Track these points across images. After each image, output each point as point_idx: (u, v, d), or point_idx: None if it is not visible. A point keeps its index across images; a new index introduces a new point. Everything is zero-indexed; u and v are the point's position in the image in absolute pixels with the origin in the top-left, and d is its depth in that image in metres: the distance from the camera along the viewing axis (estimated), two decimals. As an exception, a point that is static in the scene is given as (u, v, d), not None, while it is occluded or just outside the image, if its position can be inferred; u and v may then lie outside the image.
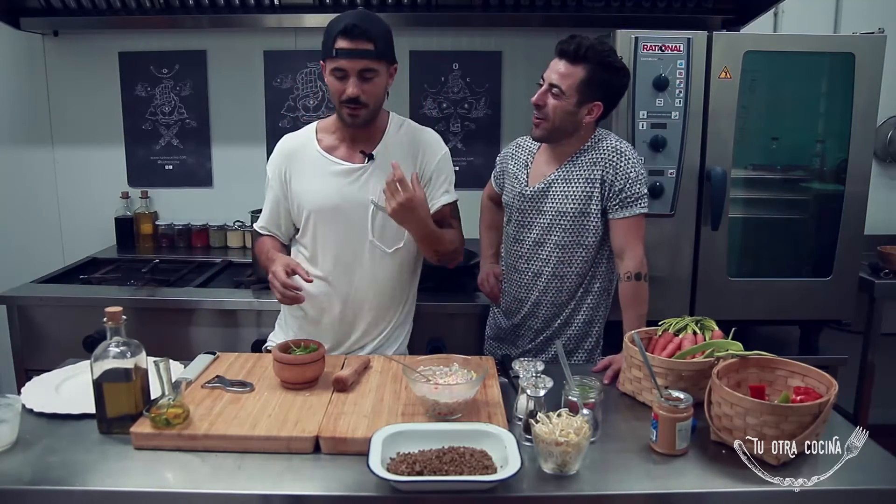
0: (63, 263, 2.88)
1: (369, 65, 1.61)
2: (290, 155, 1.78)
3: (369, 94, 1.64)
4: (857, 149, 2.31)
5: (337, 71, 1.62)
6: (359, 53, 1.59)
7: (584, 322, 1.90)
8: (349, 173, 1.73)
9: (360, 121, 1.67)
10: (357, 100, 1.63)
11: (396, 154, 1.73)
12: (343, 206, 1.73)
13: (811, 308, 2.42)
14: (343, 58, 1.60)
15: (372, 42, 1.59)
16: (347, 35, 1.58)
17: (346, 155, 1.75)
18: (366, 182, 1.73)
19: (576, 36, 1.72)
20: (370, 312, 1.81)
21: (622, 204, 1.76)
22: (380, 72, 1.63)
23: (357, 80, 1.61)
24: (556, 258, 1.84)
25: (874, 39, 2.26)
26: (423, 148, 1.79)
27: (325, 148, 1.76)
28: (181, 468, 1.24)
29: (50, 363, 1.70)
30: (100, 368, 1.31)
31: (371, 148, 1.74)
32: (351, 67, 1.60)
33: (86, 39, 3.00)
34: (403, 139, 1.78)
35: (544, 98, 1.74)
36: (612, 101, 1.77)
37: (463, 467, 1.16)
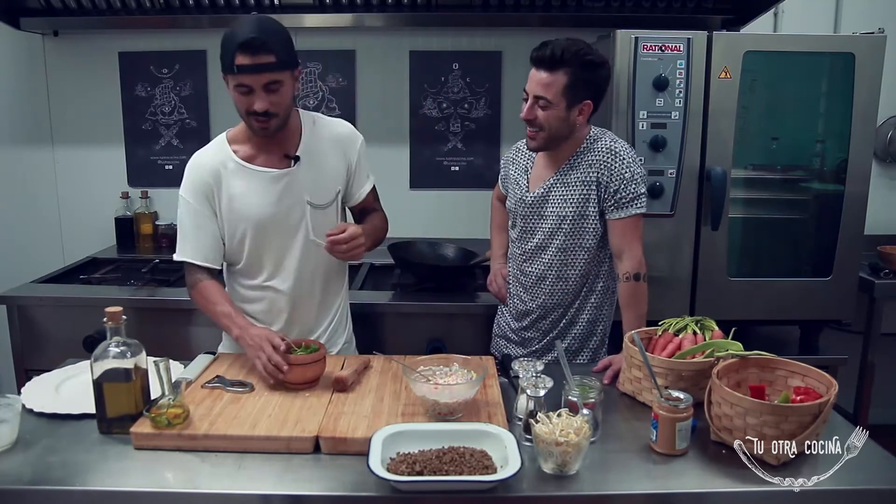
0: (63, 263, 2.88)
1: (273, 77, 1.55)
2: (211, 171, 1.68)
3: (277, 105, 1.58)
4: (857, 149, 2.31)
5: (240, 87, 1.57)
6: (260, 68, 1.53)
7: (589, 321, 1.90)
8: (278, 179, 1.69)
9: (271, 131, 1.63)
10: (266, 112, 1.58)
11: (319, 150, 1.73)
12: (279, 213, 1.69)
13: (811, 308, 2.42)
14: (245, 73, 1.53)
15: (272, 53, 1.53)
16: (246, 50, 1.51)
17: (267, 161, 1.69)
18: (297, 184, 1.70)
19: (547, 42, 1.69)
20: (317, 307, 1.81)
21: (618, 205, 1.76)
22: (284, 81, 1.58)
23: (263, 94, 1.55)
24: (558, 261, 1.84)
25: (874, 39, 2.26)
26: (344, 141, 1.78)
27: (244, 158, 1.69)
28: (181, 468, 1.24)
29: (50, 363, 1.70)
30: (100, 368, 1.31)
31: (292, 150, 1.70)
32: (254, 82, 1.54)
33: (86, 39, 3.00)
34: (321, 135, 1.75)
35: (533, 112, 1.73)
36: (598, 95, 1.76)
37: (463, 467, 1.16)
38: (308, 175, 1.71)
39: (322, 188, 1.73)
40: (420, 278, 2.54)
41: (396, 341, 2.33)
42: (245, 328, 1.59)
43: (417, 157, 3.09)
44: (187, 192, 1.69)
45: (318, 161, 1.73)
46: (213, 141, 1.75)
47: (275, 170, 1.69)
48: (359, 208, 1.87)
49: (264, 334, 1.54)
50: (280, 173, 1.69)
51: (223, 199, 1.69)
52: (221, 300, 1.67)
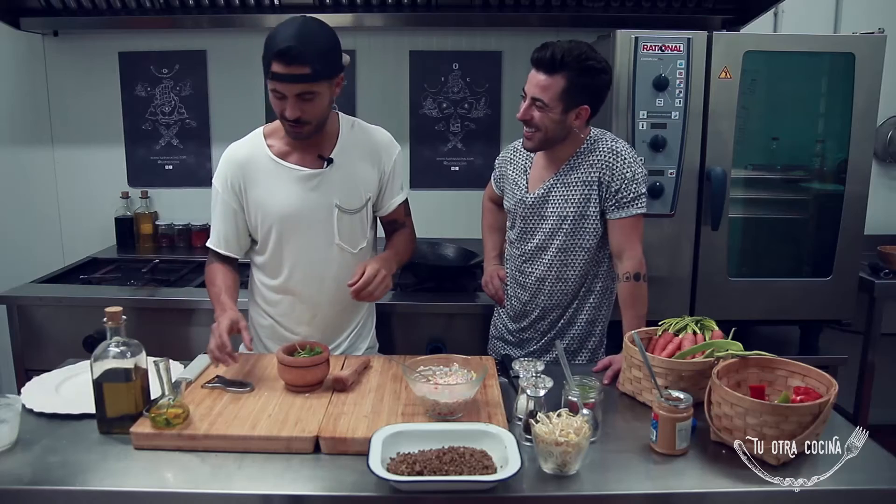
0: (63, 263, 2.88)
1: (306, 88, 1.53)
2: (242, 165, 1.70)
3: (310, 114, 1.58)
4: (857, 149, 2.31)
5: (275, 92, 1.56)
6: (293, 78, 1.51)
7: (587, 322, 1.90)
8: (309, 178, 1.69)
9: (304, 136, 1.63)
10: (298, 120, 1.58)
11: (354, 155, 1.72)
12: (306, 213, 1.69)
13: (811, 308, 2.42)
14: (278, 81, 1.53)
15: (308, 65, 1.50)
16: (282, 59, 1.49)
17: (300, 160, 1.69)
18: (327, 186, 1.70)
19: (549, 44, 1.69)
20: (341, 314, 1.80)
21: (619, 204, 1.76)
22: (320, 92, 1.56)
23: (296, 102, 1.55)
24: (558, 261, 1.84)
25: (874, 39, 2.26)
26: (380, 149, 1.77)
27: (278, 154, 1.70)
28: (181, 468, 1.24)
29: (50, 363, 1.70)
30: (100, 368, 1.31)
31: (326, 151, 1.70)
32: (287, 91, 1.53)
33: (86, 39, 3.00)
34: (358, 140, 1.75)
35: (530, 113, 1.73)
36: (597, 101, 1.75)
37: (463, 467, 1.16)
38: (339, 178, 1.70)
39: (352, 193, 1.73)
40: (420, 278, 2.54)
41: (396, 341, 2.33)
42: (223, 309, 1.60)
43: (417, 157, 3.09)
44: (218, 182, 1.73)
45: (352, 165, 1.72)
46: (250, 134, 1.77)
47: (307, 169, 1.69)
48: (388, 220, 1.86)
49: (223, 322, 1.54)
50: (311, 173, 1.69)
51: (251, 192, 1.71)
52: (219, 282, 1.69)
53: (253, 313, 1.86)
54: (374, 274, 1.60)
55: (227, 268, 1.75)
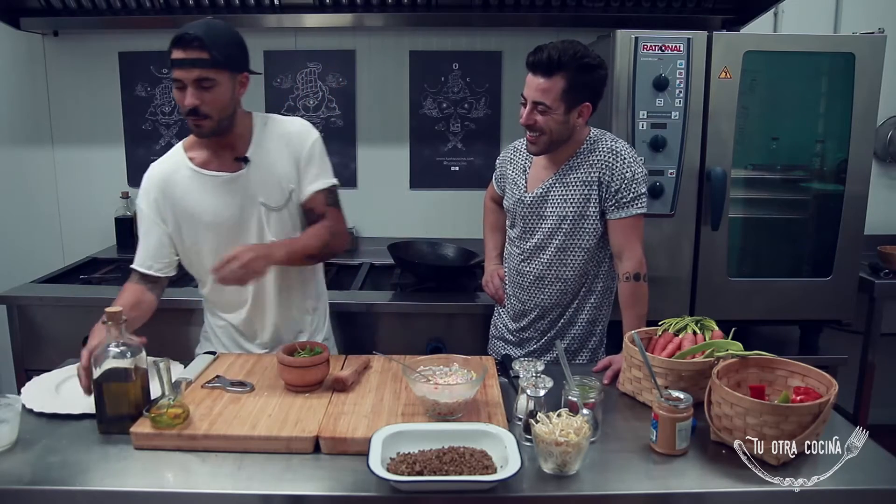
0: (63, 263, 2.89)
1: (204, 74, 1.53)
2: (164, 180, 1.70)
3: (210, 105, 1.56)
4: (857, 149, 2.31)
5: (176, 82, 1.56)
6: (191, 63, 1.52)
7: (588, 322, 1.90)
8: (230, 182, 1.68)
9: (206, 132, 1.61)
10: (196, 111, 1.56)
11: (270, 150, 1.70)
12: (234, 217, 1.69)
13: (811, 308, 2.42)
14: (177, 68, 1.54)
15: (206, 51, 1.52)
16: (181, 45, 1.52)
17: (219, 166, 1.68)
18: (249, 186, 1.68)
19: (542, 47, 1.68)
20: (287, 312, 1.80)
21: (619, 204, 1.76)
22: (219, 81, 1.55)
23: (194, 90, 1.54)
24: (557, 261, 1.84)
25: (874, 39, 2.26)
26: (293, 138, 1.72)
27: (199, 164, 1.69)
28: (181, 468, 1.24)
29: (50, 363, 1.70)
30: (100, 368, 1.31)
31: (241, 152, 1.69)
32: (186, 77, 1.53)
33: (86, 39, 3.00)
34: (272, 135, 1.72)
35: (533, 117, 1.72)
36: (597, 97, 1.75)
37: (463, 467, 1.16)
38: (259, 176, 1.68)
39: (275, 189, 1.70)
40: (420, 278, 2.54)
41: (396, 341, 2.34)
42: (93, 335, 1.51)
43: (417, 157, 3.09)
44: (142, 201, 1.72)
45: (269, 161, 1.70)
46: (171, 150, 1.76)
47: (226, 173, 1.68)
48: (307, 209, 1.76)
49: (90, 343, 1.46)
50: (232, 176, 1.68)
51: (178, 206, 1.69)
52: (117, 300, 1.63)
53: (209, 316, 1.88)
54: (233, 256, 1.53)
55: (138, 286, 1.70)
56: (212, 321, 1.86)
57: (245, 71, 1.64)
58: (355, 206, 3.12)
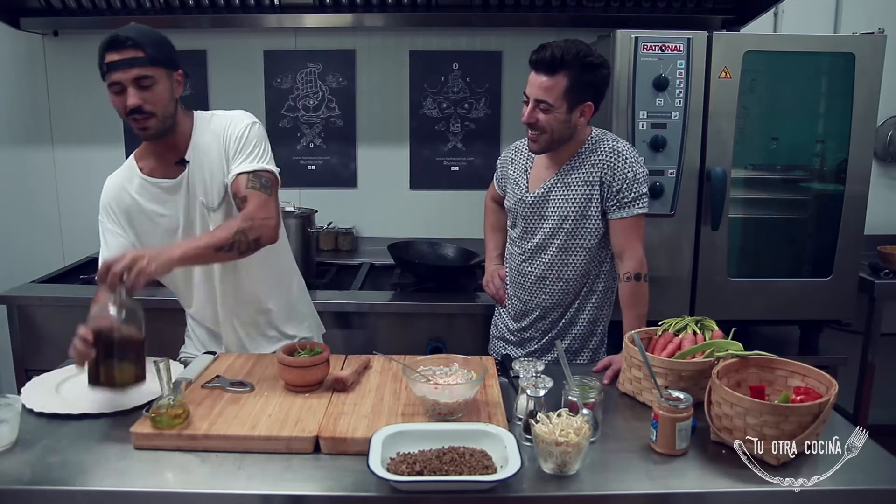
0: (63, 263, 2.89)
1: (142, 72, 1.53)
2: (118, 191, 1.70)
3: (152, 103, 1.56)
4: (857, 149, 2.31)
5: (114, 86, 1.55)
6: (128, 62, 1.52)
7: (589, 322, 1.90)
8: (175, 187, 1.67)
9: (152, 132, 1.60)
10: (140, 110, 1.55)
11: (206, 148, 1.66)
12: (182, 220, 1.68)
13: (811, 308, 2.42)
14: (114, 70, 1.53)
15: (140, 49, 1.52)
16: (114, 47, 1.52)
17: (165, 172, 1.68)
18: (191, 188, 1.67)
19: (546, 45, 1.69)
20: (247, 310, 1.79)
21: (620, 204, 1.76)
22: (157, 78, 1.56)
23: (135, 90, 1.54)
24: (558, 261, 1.84)
25: (874, 39, 2.26)
26: (223, 129, 1.67)
27: (148, 173, 1.69)
28: (181, 468, 1.24)
29: (50, 363, 1.70)
30: None
31: (181, 154, 1.67)
32: (124, 78, 1.53)
33: (86, 39, 2.99)
34: (209, 131, 1.68)
35: (535, 115, 1.72)
36: (599, 96, 1.76)
37: (463, 467, 1.16)
38: (199, 176, 1.66)
39: (211, 187, 1.67)
40: (420, 278, 2.54)
41: (396, 341, 2.34)
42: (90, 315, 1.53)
43: (417, 157, 3.09)
44: (102, 214, 1.72)
45: (206, 159, 1.67)
46: (125, 161, 1.75)
47: (170, 180, 1.67)
48: (233, 196, 1.65)
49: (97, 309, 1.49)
50: (176, 182, 1.66)
51: (132, 216, 1.70)
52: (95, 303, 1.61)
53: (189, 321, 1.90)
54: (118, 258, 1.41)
55: None
56: (192, 324, 1.89)
57: (179, 69, 1.64)
58: (355, 206, 3.13)
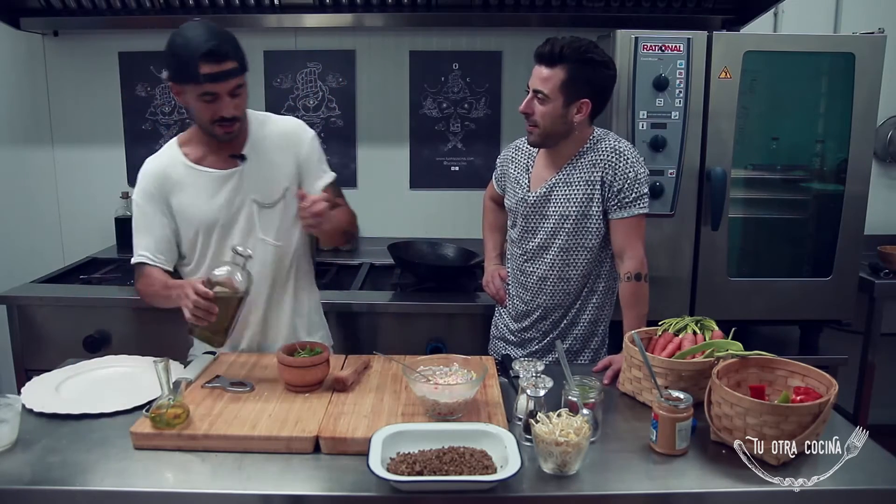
0: (63, 263, 2.88)
1: (238, 82, 1.58)
2: (160, 176, 1.70)
3: (241, 108, 1.63)
4: (857, 149, 2.31)
5: (206, 95, 1.57)
6: (227, 75, 1.55)
7: (590, 322, 1.90)
8: (226, 178, 1.70)
9: (235, 134, 1.65)
10: (234, 118, 1.61)
11: (266, 148, 1.73)
12: (228, 214, 1.70)
13: (811, 308, 2.42)
14: (212, 82, 1.54)
15: (234, 60, 1.56)
16: (211, 58, 1.52)
17: (215, 162, 1.70)
18: (244, 183, 1.70)
19: (551, 39, 1.71)
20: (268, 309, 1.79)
21: (621, 204, 1.76)
22: (245, 85, 1.62)
23: (229, 99, 1.58)
24: (560, 261, 1.84)
25: (874, 39, 2.26)
26: (291, 136, 1.76)
27: (194, 160, 1.70)
28: (181, 468, 1.24)
29: (50, 363, 1.70)
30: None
31: (238, 149, 1.70)
32: (222, 89, 1.56)
33: (86, 39, 3.00)
34: (268, 133, 1.75)
35: (531, 106, 1.74)
36: (599, 96, 1.76)
37: (463, 467, 1.16)
38: (255, 173, 1.70)
39: (269, 187, 1.72)
40: (420, 278, 2.54)
41: (396, 341, 2.33)
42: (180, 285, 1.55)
43: (417, 157, 3.09)
44: (139, 197, 1.72)
45: (266, 158, 1.72)
46: (164, 146, 1.76)
47: (221, 170, 1.69)
48: None
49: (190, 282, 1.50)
50: (227, 173, 1.69)
51: (173, 200, 1.70)
52: (160, 279, 1.66)
53: None
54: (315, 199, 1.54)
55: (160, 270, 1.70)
56: None
57: None
58: (355, 206, 3.09)
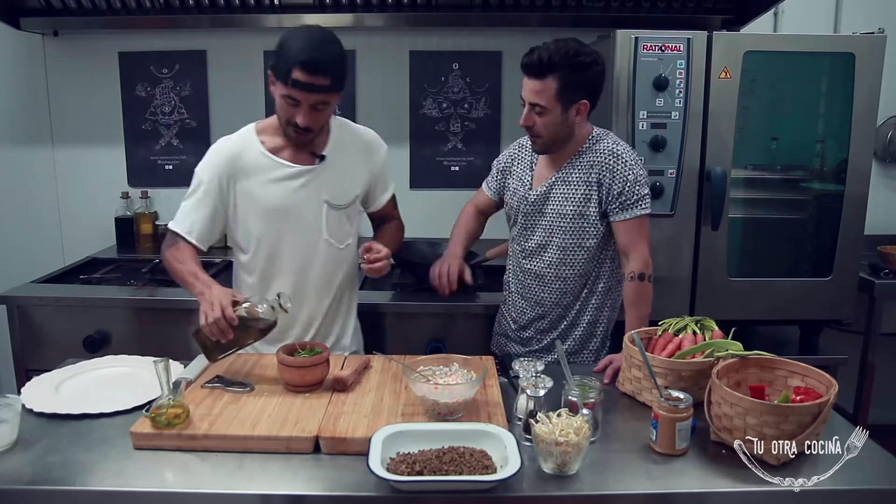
0: (63, 263, 2.88)
1: (322, 98, 1.58)
2: (232, 159, 1.70)
3: (318, 123, 1.63)
4: (857, 149, 2.31)
5: (289, 98, 1.58)
6: (314, 88, 1.55)
7: (589, 323, 1.90)
8: (301, 174, 1.71)
9: (306, 142, 1.67)
10: (307, 128, 1.62)
11: (344, 153, 1.76)
12: (296, 209, 1.72)
13: (811, 308, 2.42)
14: (298, 89, 1.55)
15: (329, 77, 1.55)
16: (306, 68, 1.52)
17: (293, 156, 1.72)
18: (318, 182, 1.72)
19: (534, 49, 1.69)
20: (329, 310, 1.83)
21: (622, 206, 1.77)
22: (331, 103, 1.63)
23: (308, 111, 1.59)
24: (558, 260, 1.84)
25: (874, 39, 2.26)
26: (370, 148, 1.82)
27: (271, 149, 1.71)
28: (181, 468, 1.24)
29: (50, 363, 1.70)
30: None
31: (319, 148, 1.73)
32: (304, 100, 1.57)
33: (86, 39, 3.00)
34: (348, 139, 1.79)
35: (531, 119, 1.74)
36: (594, 93, 1.76)
37: (463, 467, 1.16)
38: (330, 175, 1.74)
39: (342, 190, 1.76)
40: (420, 278, 2.54)
41: (396, 341, 2.33)
42: (208, 285, 1.57)
43: (417, 157, 3.09)
44: (204, 173, 1.72)
45: (342, 163, 1.76)
46: (241, 130, 1.77)
47: (297, 165, 1.71)
48: (378, 215, 1.93)
49: (220, 293, 1.51)
50: (303, 169, 1.72)
51: (240, 186, 1.71)
52: (191, 261, 1.66)
53: None
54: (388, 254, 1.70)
55: (193, 249, 1.72)
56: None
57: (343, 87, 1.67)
58: (355, 206, 3.12)
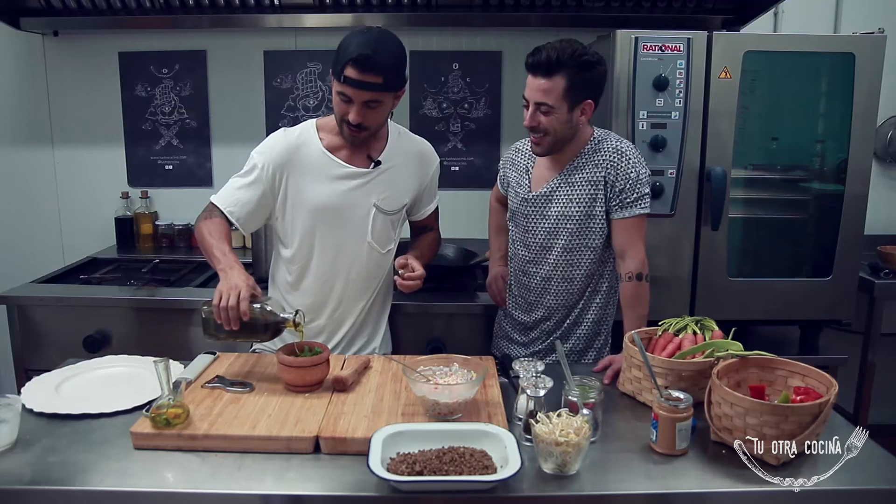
0: (63, 263, 2.88)
1: (374, 97, 1.59)
2: (291, 150, 1.72)
3: (371, 121, 1.64)
4: (857, 149, 2.31)
5: (342, 95, 1.60)
6: (365, 86, 1.56)
7: (594, 321, 1.90)
8: (354, 176, 1.74)
9: (359, 141, 1.69)
10: (360, 126, 1.63)
11: (399, 161, 1.79)
12: (345, 209, 1.74)
13: (811, 308, 2.42)
14: (349, 86, 1.57)
15: (381, 75, 1.56)
16: (357, 65, 1.54)
17: (349, 157, 1.74)
18: (370, 186, 1.75)
19: (541, 47, 1.68)
20: (362, 312, 1.85)
21: (623, 204, 1.77)
22: (384, 102, 1.63)
23: (361, 108, 1.60)
24: (563, 261, 1.84)
25: (874, 39, 2.26)
26: (424, 159, 1.86)
27: (328, 147, 1.74)
28: (181, 468, 1.24)
29: (50, 363, 1.70)
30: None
31: (376, 153, 1.76)
32: (356, 97, 1.59)
33: (86, 39, 3.00)
34: (404, 148, 1.82)
35: (536, 118, 1.73)
36: (598, 93, 1.76)
37: (463, 467, 1.17)
38: (383, 180, 1.76)
39: (393, 196, 1.78)
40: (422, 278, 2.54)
41: (396, 341, 2.33)
42: (232, 265, 1.56)
43: (417, 157, 3.09)
44: (260, 157, 1.73)
45: (397, 170, 1.78)
46: (301, 124, 1.79)
47: (353, 167, 1.73)
48: (419, 224, 1.98)
49: (242, 281, 1.50)
50: (356, 171, 1.74)
51: (293, 178, 1.72)
52: (222, 238, 1.66)
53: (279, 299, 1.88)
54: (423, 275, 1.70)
55: (228, 226, 1.72)
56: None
57: (403, 87, 1.68)
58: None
